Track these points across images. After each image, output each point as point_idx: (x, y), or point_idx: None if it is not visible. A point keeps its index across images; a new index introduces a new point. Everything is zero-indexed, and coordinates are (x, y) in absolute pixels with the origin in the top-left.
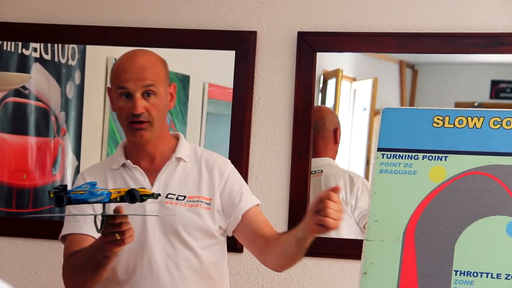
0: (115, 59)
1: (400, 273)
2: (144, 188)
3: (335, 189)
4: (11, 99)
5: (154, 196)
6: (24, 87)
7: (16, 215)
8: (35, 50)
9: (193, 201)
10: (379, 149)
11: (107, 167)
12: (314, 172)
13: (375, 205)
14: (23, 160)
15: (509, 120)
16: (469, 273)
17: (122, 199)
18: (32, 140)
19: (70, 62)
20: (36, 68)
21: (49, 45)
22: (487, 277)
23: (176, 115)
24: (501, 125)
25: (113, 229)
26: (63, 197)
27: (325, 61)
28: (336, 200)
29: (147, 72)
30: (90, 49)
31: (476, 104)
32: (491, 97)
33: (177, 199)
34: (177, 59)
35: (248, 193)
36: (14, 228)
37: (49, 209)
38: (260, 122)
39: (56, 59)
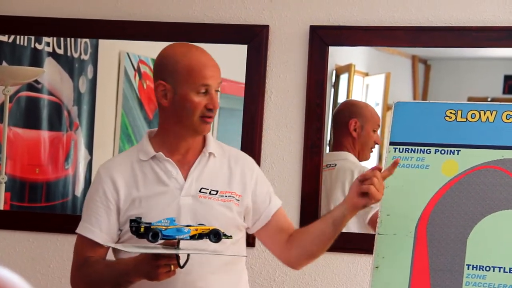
0: (127, 53)
1: (412, 267)
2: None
3: (379, 168)
4: (24, 93)
5: (230, 236)
6: (36, 82)
7: (29, 209)
8: (48, 44)
9: (225, 196)
10: (391, 143)
11: (134, 158)
12: (329, 166)
13: (387, 199)
14: (36, 154)
15: None
16: (481, 267)
17: (200, 236)
18: (44, 134)
19: (83, 56)
20: (48, 62)
21: (61, 39)
22: (499, 271)
23: None
24: None
25: (169, 261)
26: (158, 233)
27: (338, 56)
28: (379, 177)
29: (219, 69)
30: (103, 43)
31: (489, 99)
32: (504, 92)
33: (210, 193)
34: None
35: (273, 193)
36: (27, 222)
37: (61, 204)
38: (272, 116)
39: (68, 54)
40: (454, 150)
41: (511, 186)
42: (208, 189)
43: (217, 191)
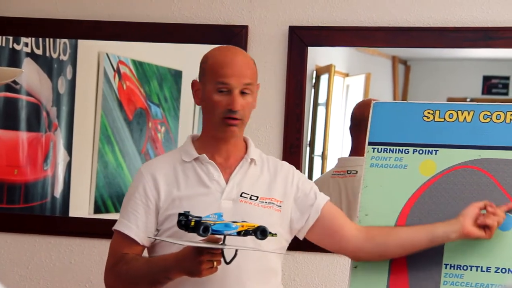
0: (107, 54)
1: (391, 266)
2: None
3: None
4: (2, 94)
5: (275, 234)
6: (15, 82)
7: (7, 211)
8: (26, 45)
9: (266, 202)
10: (369, 143)
11: (176, 159)
12: (349, 172)
13: (365, 199)
14: (14, 156)
15: (499, 114)
16: (459, 266)
17: (246, 233)
18: (23, 135)
19: (62, 57)
20: (27, 63)
21: (40, 39)
22: (476, 270)
23: (169, 110)
24: (491, 118)
25: (212, 257)
26: (209, 226)
27: (318, 56)
28: (502, 215)
29: (247, 70)
30: (82, 44)
31: (468, 100)
32: (483, 93)
33: (250, 198)
34: (169, 54)
35: (318, 190)
36: (5, 223)
37: (40, 205)
38: (251, 116)
39: (47, 54)
40: (432, 150)
41: (488, 186)
42: (248, 194)
43: (257, 197)
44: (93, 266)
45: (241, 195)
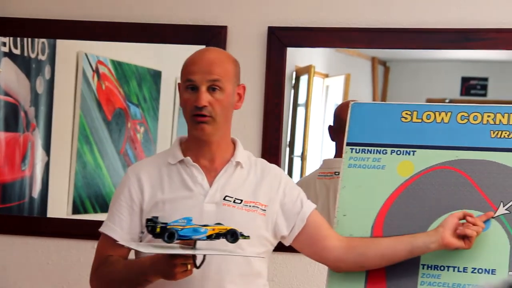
0: (86, 54)
1: None
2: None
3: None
4: None
5: (247, 236)
6: None
7: None
8: (4, 44)
9: (250, 205)
10: (348, 144)
11: (162, 161)
12: (336, 173)
13: (344, 200)
14: None
15: (476, 115)
16: (436, 267)
17: (217, 236)
18: (1, 135)
19: (40, 57)
20: (5, 62)
21: (18, 39)
22: (453, 270)
23: (148, 110)
24: (468, 119)
25: (186, 261)
26: (174, 233)
27: (298, 57)
28: (481, 225)
29: (214, 66)
30: (61, 43)
31: (447, 101)
32: (461, 94)
33: (234, 202)
34: (148, 54)
35: (305, 197)
36: None
37: (18, 205)
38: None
39: (25, 54)
40: (409, 151)
41: (466, 187)
42: (232, 197)
43: (241, 200)
44: (70, 267)
45: (224, 198)
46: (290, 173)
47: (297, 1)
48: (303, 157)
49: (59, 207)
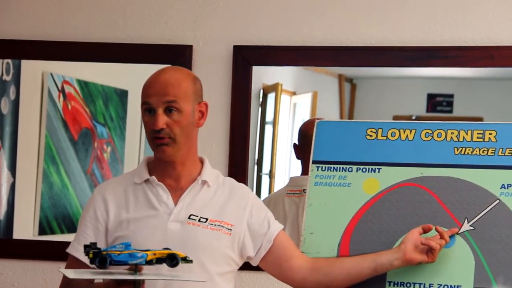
0: (51, 74)
1: None
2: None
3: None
4: None
5: (190, 260)
6: None
7: None
8: None
9: (215, 224)
10: (313, 162)
11: (128, 181)
12: (305, 191)
13: (310, 218)
14: None
15: (440, 132)
16: (402, 283)
17: (158, 260)
18: None
19: (5, 77)
20: None
21: None
22: (419, 287)
23: (115, 129)
24: (432, 136)
25: (131, 286)
26: (106, 258)
27: (265, 75)
28: (446, 239)
29: (170, 88)
30: (26, 64)
31: (413, 118)
32: (427, 111)
33: (199, 221)
34: (114, 74)
35: (273, 218)
36: None
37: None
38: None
39: None
40: (375, 168)
41: (431, 203)
42: (197, 216)
43: (206, 219)
44: None
45: (189, 217)
46: (258, 191)
47: (263, 20)
48: (271, 175)
49: (25, 228)
